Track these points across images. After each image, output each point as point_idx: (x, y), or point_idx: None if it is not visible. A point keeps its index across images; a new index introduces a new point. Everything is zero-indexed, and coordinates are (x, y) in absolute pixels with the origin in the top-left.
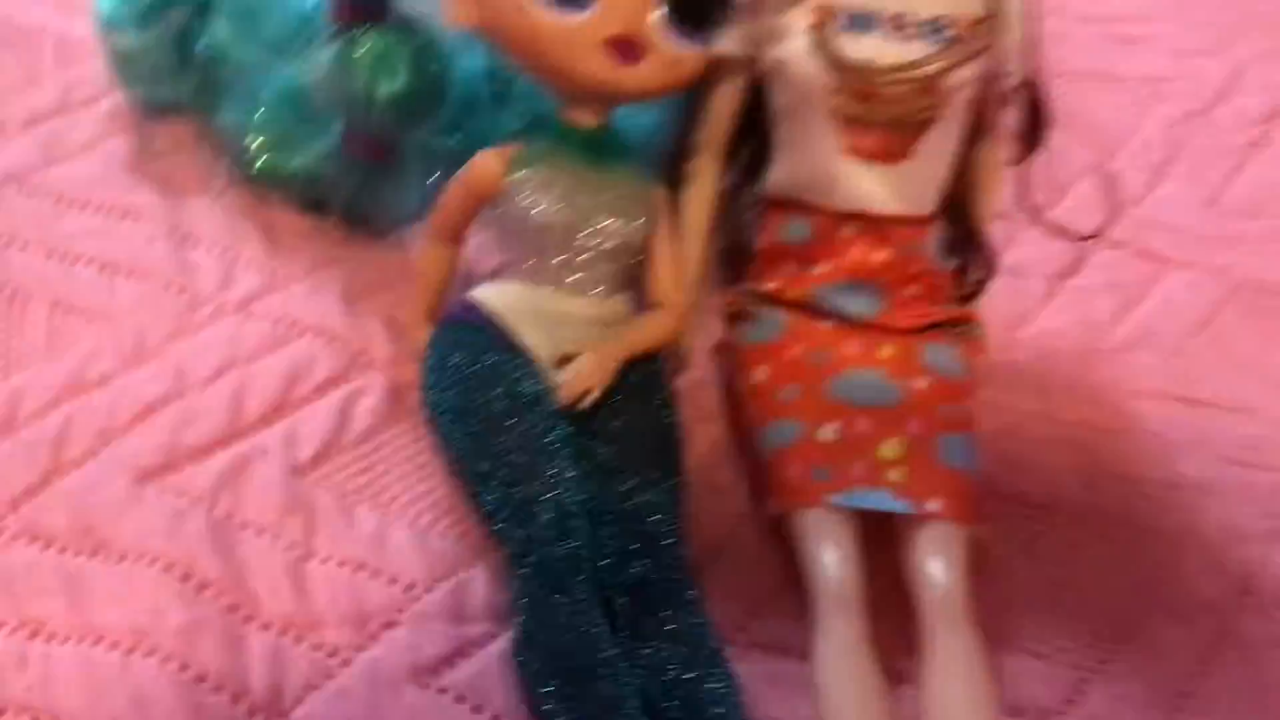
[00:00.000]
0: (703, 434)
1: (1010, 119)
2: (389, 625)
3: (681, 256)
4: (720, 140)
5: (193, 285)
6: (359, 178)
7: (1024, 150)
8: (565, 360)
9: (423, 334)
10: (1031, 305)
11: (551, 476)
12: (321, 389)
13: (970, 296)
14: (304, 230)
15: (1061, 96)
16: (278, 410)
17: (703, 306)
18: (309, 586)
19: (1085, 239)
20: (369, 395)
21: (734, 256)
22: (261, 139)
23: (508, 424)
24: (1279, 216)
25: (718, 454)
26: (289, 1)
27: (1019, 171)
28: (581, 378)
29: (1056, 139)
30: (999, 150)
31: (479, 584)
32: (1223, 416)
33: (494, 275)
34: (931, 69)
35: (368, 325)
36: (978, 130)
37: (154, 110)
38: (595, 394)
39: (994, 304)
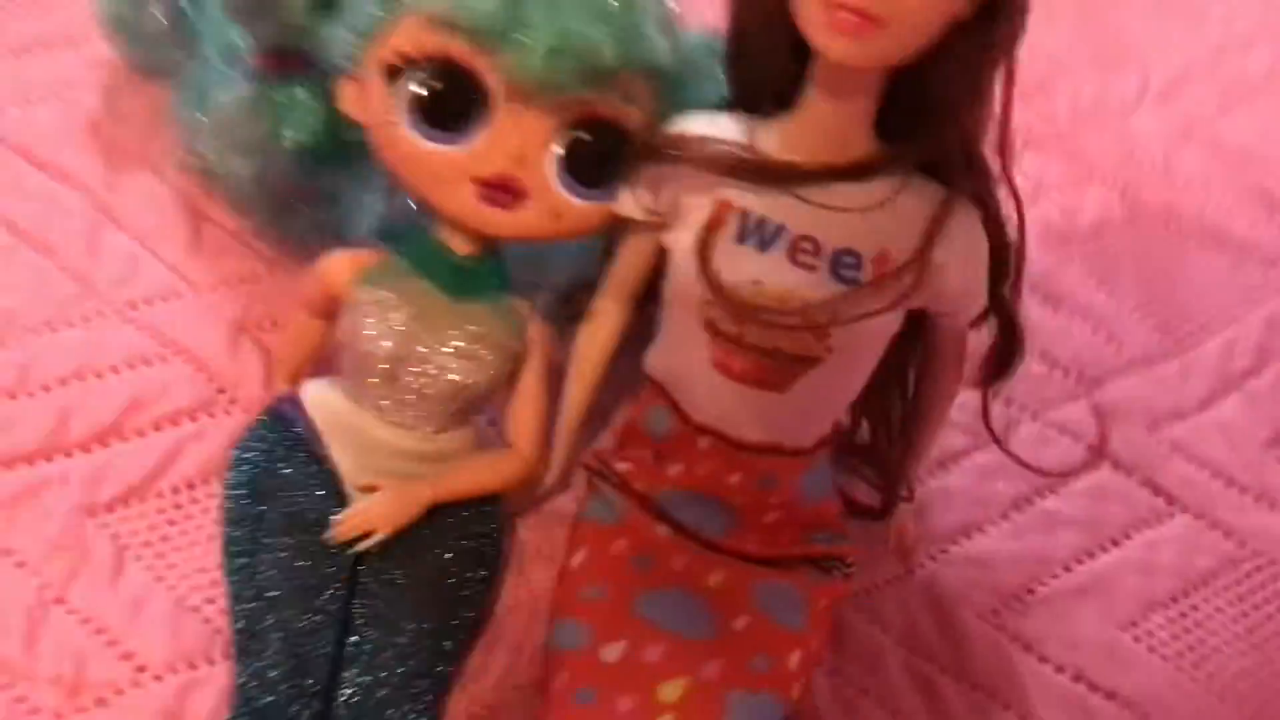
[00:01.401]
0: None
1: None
2: (100, 702)
3: (546, 399)
4: (627, 286)
5: (90, 274)
6: (277, 206)
7: (989, 379)
8: (368, 490)
9: (282, 390)
10: (988, 517)
11: (296, 616)
12: (159, 423)
13: (871, 515)
14: (232, 235)
15: (1164, 259)
16: (100, 437)
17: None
18: (41, 634)
19: (1052, 476)
20: (205, 441)
21: None
22: (204, 135)
23: (278, 541)
24: None
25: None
26: None
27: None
28: (366, 516)
29: (1126, 321)
30: (952, 375)
31: (209, 688)
32: None
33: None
34: (817, 316)
35: (246, 361)
36: (929, 352)
37: (137, 71)
38: (378, 536)
39: (948, 503)
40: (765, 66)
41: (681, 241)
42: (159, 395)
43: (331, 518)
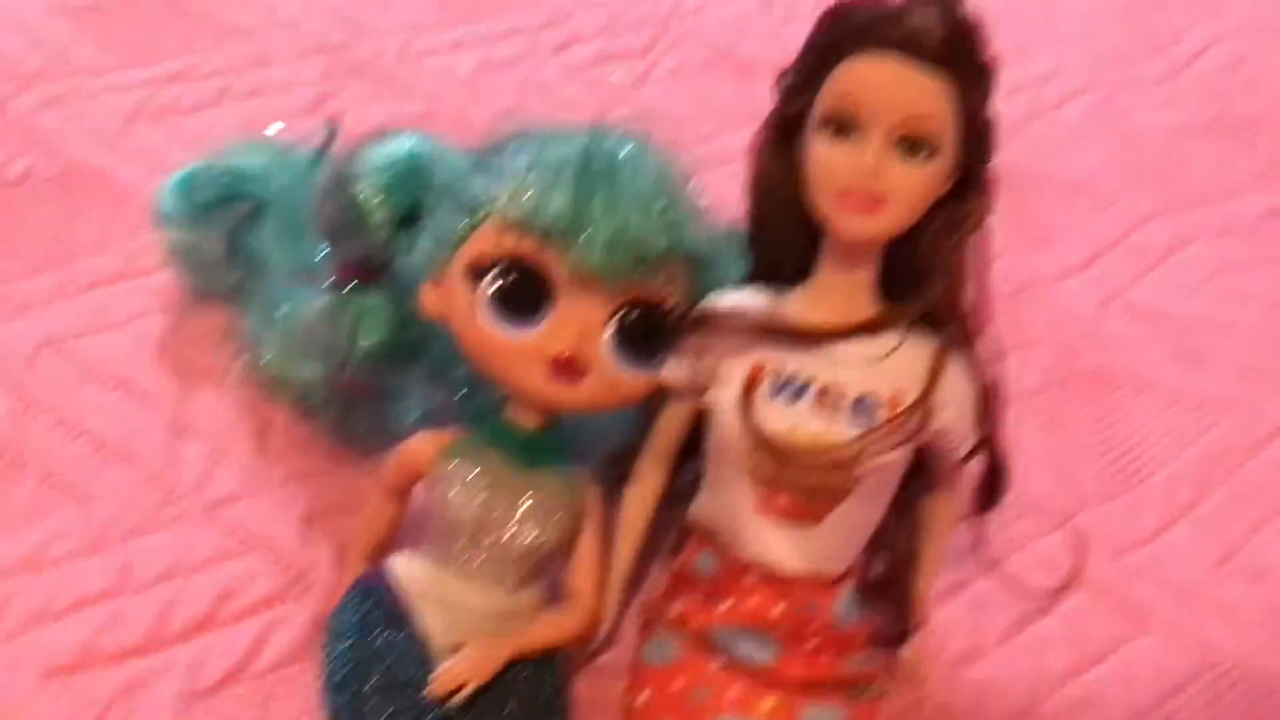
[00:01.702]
0: None
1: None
2: None
3: (605, 556)
4: (666, 451)
5: (171, 479)
6: (342, 405)
7: (979, 508)
8: (455, 649)
9: (359, 570)
10: (987, 643)
11: None
12: (246, 612)
13: (892, 642)
14: (296, 438)
15: (1103, 408)
16: (199, 627)
17: (627, 605)
18: None
19: (1034, 596)
20: (291, 624)
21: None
22: (273, 345)
23: (378, 704)
24: None
25: None
26: None
27: (974, 523)
28: (458, 671)
29: (1079, 463)
30: (951, 504)
31: None
32: None
33: (420, 542)
34: (845, 454)
35: (319, 548)
36: (930, 485)
37: (198, 295)
38: (469, 689)
39: (949, 634)
40: (783, 245)
41: (724, 400)
42: (245, 586)
43: (424, 676)
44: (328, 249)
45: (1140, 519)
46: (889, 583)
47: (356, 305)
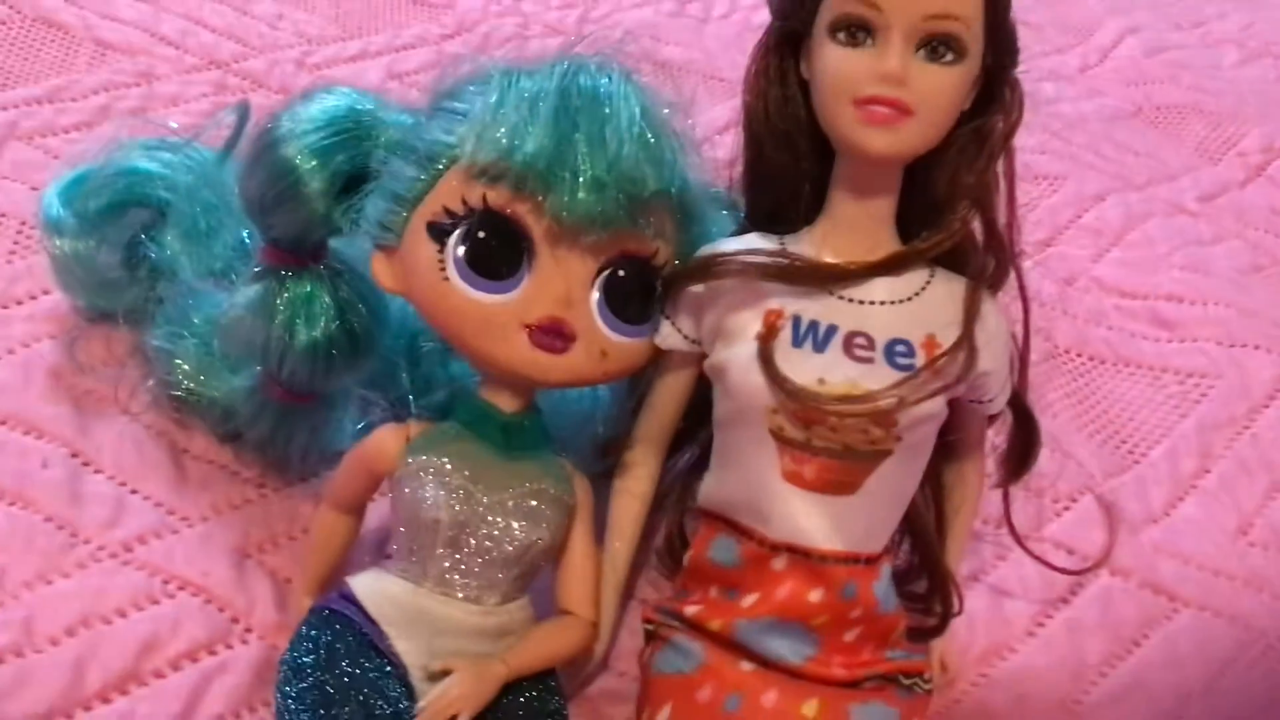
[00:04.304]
0: None
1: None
2: None
3: (598, 561)
4: (661, 434)
5: (75, 521)
6: (275, 418)
7: (1011, 474)
8: (438, 676)
9: (307, 604)
10: (1014, 635)
11: None
12: (177, 662)
13: (928, 634)
14: (216, 465)
15: (1087, 386)
16: (120, 685)
17: (623, 612)
18: None
19: (1070, 573)
20: (230, 673)
21: (673, 553)
22: (187, 363)
23: None
24: None
25: None
26: (242, 228)
27: (1005, 493)
28: (449, 700)
29: (1074, 442)
30: (979, 471)
31: None
32: None
33: (385, 557)
34: (882, 404)
35: (255, 586)
36: (955, 449)
37: (93, 317)
38: None
39: (973, 628)
40: (786, 183)
41: (736, 358)
42: (172, 633)
43: (407, 710)
44: (254, 228)
45: (1149, 494)
46: (924, 563)
47: (291, 294)
